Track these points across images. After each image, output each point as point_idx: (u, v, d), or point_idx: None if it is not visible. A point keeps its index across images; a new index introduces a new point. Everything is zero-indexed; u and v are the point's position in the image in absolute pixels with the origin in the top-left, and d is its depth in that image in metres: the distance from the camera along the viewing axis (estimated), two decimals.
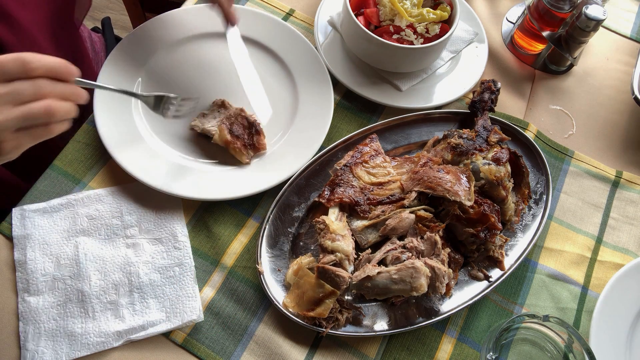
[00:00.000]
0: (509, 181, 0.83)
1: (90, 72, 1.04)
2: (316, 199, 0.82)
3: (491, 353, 0.69)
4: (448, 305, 0.78)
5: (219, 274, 0.80)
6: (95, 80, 0.89)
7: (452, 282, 0.78)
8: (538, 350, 0.77)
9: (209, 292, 0.79)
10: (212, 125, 0.86)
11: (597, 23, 0.92)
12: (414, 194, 0.80)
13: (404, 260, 0.74)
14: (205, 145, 0.88)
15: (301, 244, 0.82)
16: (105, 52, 1.15)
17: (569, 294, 0.83)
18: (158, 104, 0.80)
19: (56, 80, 0.58)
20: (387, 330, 0.75)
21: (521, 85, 1.03)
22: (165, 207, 0.83)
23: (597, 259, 0.86)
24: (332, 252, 0.75)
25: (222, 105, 0.89)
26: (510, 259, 0.82)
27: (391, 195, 0.81)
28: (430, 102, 0.96)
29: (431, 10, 0.93)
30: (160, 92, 0.80)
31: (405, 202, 0.80)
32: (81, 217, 0.81)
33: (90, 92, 0.89)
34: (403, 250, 0.76)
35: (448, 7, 0.94)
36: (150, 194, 0.83)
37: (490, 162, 0.82)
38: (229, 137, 0.84)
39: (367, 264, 0.76)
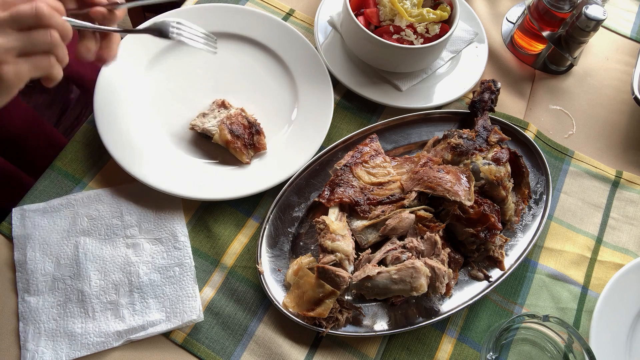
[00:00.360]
0: (509, 181, 0.83)
1: (90, 70, 1.04)
2: (316, 199, 0.82)
3: (491, 353, 0.69)
4: (448, 305, 0.78)
5: (219, 274, 0.80)
6: (95, 80, 0.89)
7: (452, 282, 0.78)
8: (538, 350, 0.77)
9: (209, 292, 0.79)
10: (212, 125, 0.86)
11: (597, 23, 0.92)
12: (414, 194, 0.80)
13: (404, 260, 0.74)
14: (205, 145, 0.88)
15: (301, 244, 0.82)
16: None
17: (569, 294, 0.83)
18: (161, 31, 0.75)
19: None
20: (387, 330, 0.75)
21: (521, 85, 1.03)
22: (165, 207, 0.83)
23: (597, 259, 0.86)
24: (332, 252, 0.75)
25: (222, 105, 0.89)
26: (510, 259, 0.82)
27: (391, 195, 0.81)
28: (430, 102, 0.96)
29: (431, 10, 0.93)
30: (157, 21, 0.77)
31: (405, 202, 0.80)
32: (81, 217, 0.81)
33: (90, 91, 0.89)
34: (403, 250, 0.76)
35: (448, 7, 0.94)
36: (150, 194, 0.83)
37: (490, 162, 0.82)
38: (229, 136, 0.84)
39: (367, 264, 0.76)
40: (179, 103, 0.92)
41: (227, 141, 0.85)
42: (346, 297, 0.78)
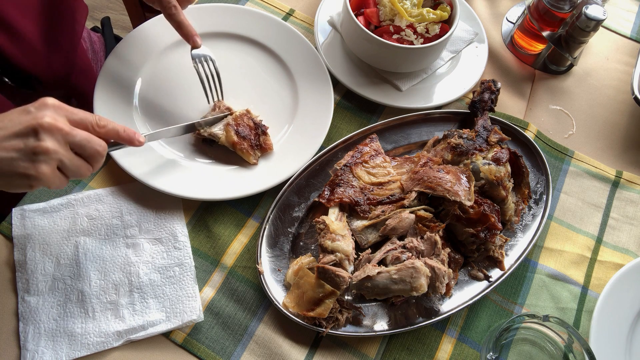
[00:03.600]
0: (509, 181, 0.83)
1: (89, 72, 1.04)
2: (316, 199, 0.82)
3: (491, 353, 0.69)
4: (448, 305, 0.78)
5: (219, 274, 0.80)
6: (95, 82, 0.89)
7: (452, 282, 0.78)
8: (538, 350, 0.77)
9: (209, 292, 0.79)
10: (217, 128, 0.86)
11: (597, 23, 0.92)
12: (414, 194, 0.80)
13: (404, 260, 0.74)
14: (205, 146, 0.88)
15: (301, 244, 0.82)
16: (104, 52, 1.15)
17: (569, 294, 0.83)
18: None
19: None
20: (387, 330, 0.75)
21: (521, 85, 1.03)
22: (165, 207, 0.83)
23: (597, 259, 0.86)
24: (332, 252, 0.75)
25: (227, 109, 0.88)
26: (510, 259, 0.82)
27: (391, 195, 0.81)
28: (430, 102, 0.96)
29: (431, 10, 0.93)
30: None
31: (405, 202, 0.80)
32: (81, 217, 0.81)
33: (91, 90, 0.89)
34: (403, 250, 0.76)
35: (448, 7, 0.94)
36: (150, 194, 0.83)
37: (490, 162, 0.82)
38: (235, 138, 0.84)
39: (367, 264, 0.76)
40: (179, 103, 0.92)
41: (234, 143, 0.85)
42: (346, 297, 0.78)
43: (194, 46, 0.85)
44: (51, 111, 0.60)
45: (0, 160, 0.58)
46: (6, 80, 0.88)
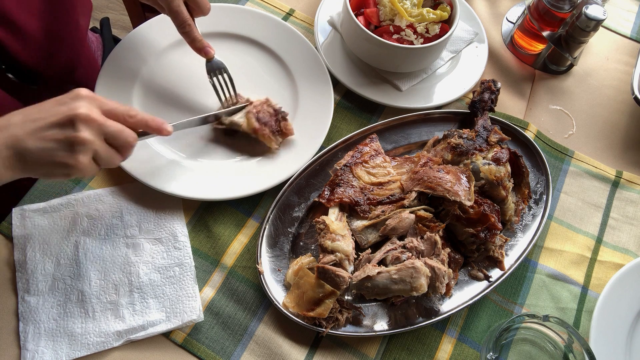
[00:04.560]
0: (509, 181, 0.83)
1: (94, 68, 1.04)
2: (316, 199, 0.83)
3: (491, 353, 0.69)
4: (448, 305, 0.78)
5: (219, 274, 0.80)
6: (95, 81, 0.89)
7: (452, 282, 0.78)
8: (538, 350, 0.77)
9: (209, 292, 0.79)
10: (238, 117, 0.87)
11: (597, 23, 0.92)
12: (414, 194, 0.80)
13: (404, 260, 0.74)
14: (205, 146, 0.88)
15: (301, 244, 0.82)
16: (102, 52, 1.15)
17: (569, 294, 0.83)
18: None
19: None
20: (387, 330, 0.75)
21: (521, 85, 1.03)
22: (165, 207, 0.83)
23: (597, 259, 0.86)
24: (332, 252, 0.75)
25: (246, 100, 0.89)
26: (510, 259, 0.82)
27: (391, 195, 0.81)
28: (430, 102, 0.96)
29: (431, 10, 0.93)
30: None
31: (405, 202, 0.80)
32: (81, 217, 0.81)
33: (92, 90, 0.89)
34: (403, 250, 0.76)
35: (448, 7, 0.94)
36: (150, 194, 0.83)
37: (490, 162, 0.82)
38: (257, 124, 0.85)
39: (367, 264, 0.76)
40: (179, 103, 0.92)
41: (255, 129, 0.85)
42: (346, 297, 0.78)
43: (208, 58, 0.86)
44: (86, 102, 0.62)
45: (41, 150, 0.60)
46: (10, 76, 0.88)
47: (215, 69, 0.87)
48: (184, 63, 0.95)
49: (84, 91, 0.64)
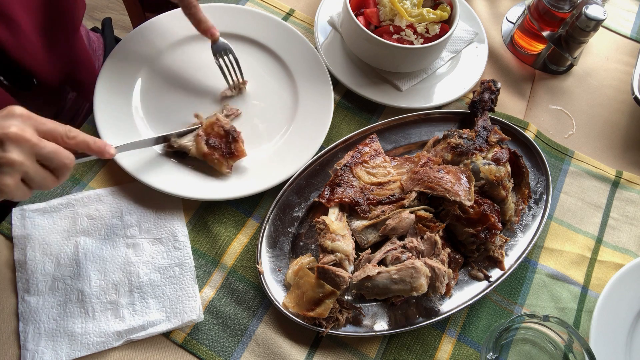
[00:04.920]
0: (509, 181, 0.83)
1: (89, 67, 1.04)
2: (316, 199, 0.82)
3: (491, 353, 0.69)
4: (448, 305, 0.78)
5: (219, 274, 0.80)
6: (94, 81, 0.89)
7: (452, 282, 0.78)
8: (538, 350, 0.77)
9: (209, 292, 0.79)
10: (187, 140, 0.84)
11: (597, 23, 0.92)
12: (414, 194, 0.80)
13: (404, 260, 0.74)
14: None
15: (301, 244, 0.82)
16: (103, 52, 1.15)
17: (569, 294, 0.83)
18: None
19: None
20: (387, 330, 0.75)
21: (521, 85, 1.03)
22: (165, 207, 0.83)
23: (597, 259, 0.86)
24: (332, 252, 0.75)
25: (196, 117, 0.87)
26: (510, 259, 0.82)
27: (391, 195, 0.81)
28: (430, 102, 0.96)
29: (431, 10, 0.93)
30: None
31: (405, 202, 0.80)
32: (81, 217, 0.81)
33: (91, 84, 0.89)
34: (403, 250, 0.76)
35: (448, 7, 0.94)
36: (150, 194, 0.83)
37: (490, 162, 0.82)
38: (206, 149, 0.82)
39: (367, 264, 0.76)
40: (179, 103, 0.92)
41: (205, 154, 0.83)
42: (346, 297, 0.78)
43: (214, 39, 0.88)
44: (18, 121, 0.59)
45: None
46: (1, 79, 0.87)
47: (221, 50, 0.89)
48: (184, 63, 0.95)
49: (18, 109, 0.60)
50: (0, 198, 0.60)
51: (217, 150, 0.83)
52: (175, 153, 0.86)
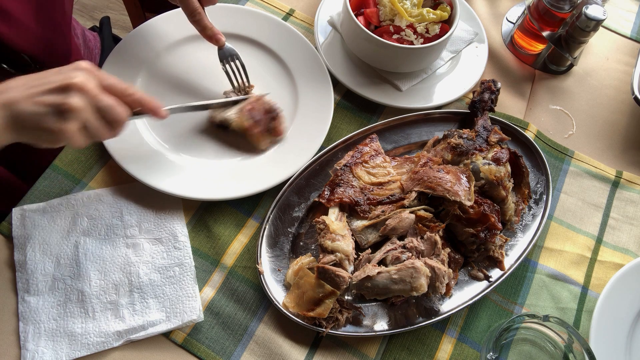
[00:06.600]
0: (509, 181, 0.83)
1: (86, 57, 1.04)
2: (316, 199, 0.82)
3: (491, 353, 0.69)
4: (448, 305, 0.78)
5: (219, 274, 0.80)
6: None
7: (452, 282, 0.78)
8: (538, 350, 0.77)
9: (209, 292, 0.79)
10: (232, 112, 0.86)
11: (597, 23, 0.92)
12: (414, 194, 0.80)
13: (404, 260, 0.74)
14: (205, 145, 0.88)
15: (301, 244, 0.82)
16: (100, 51, 1.15)
17: (569, 294, 0.83)
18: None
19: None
20: (387, 330, 0.75)
21: (521, 85, 1.03)
22: (165, 207, 0.83)
23: (597, 259, 0.86)
24: (332, 252, 0.75)
25: (245, 92, 0.90)
26: (510, 259, 0.82)
27: (391, 195, 0.81)
28: (430, 102, 0.96)
29: (431, 10, 0.93)
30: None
31: (405, 202, 0.80)
32: (81, 217, 0.81)
33: None
34: (403, 250, 0.76)
35: (448, 7, 0.94)
36: (150, 194, 0.83)
37: (490, 162, 0.82)
38: (248, 123, 0.85)
39: (367, 264, 0.76)
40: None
41: (246, 127, 0.85)
42: (346, 297, 0.78)
43: (219, 45, 0.88)
44: (84, 73, 0.63)
45: (32, 114, 0.61)
46: (4, 66, 0.87)
47: (227, 56, 0.89)
48: (184, 63, 0.95)
49: (84, 63, 0.65)
50: (61, 143, 0.64)
51: (259, 124, 0.85)
52: (217, 125, 0.89)
